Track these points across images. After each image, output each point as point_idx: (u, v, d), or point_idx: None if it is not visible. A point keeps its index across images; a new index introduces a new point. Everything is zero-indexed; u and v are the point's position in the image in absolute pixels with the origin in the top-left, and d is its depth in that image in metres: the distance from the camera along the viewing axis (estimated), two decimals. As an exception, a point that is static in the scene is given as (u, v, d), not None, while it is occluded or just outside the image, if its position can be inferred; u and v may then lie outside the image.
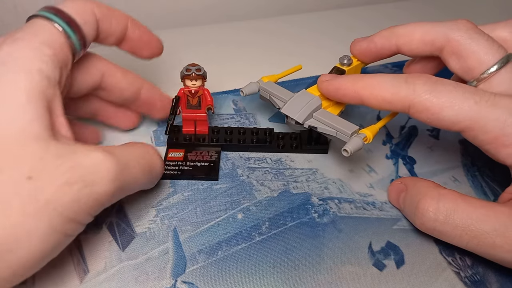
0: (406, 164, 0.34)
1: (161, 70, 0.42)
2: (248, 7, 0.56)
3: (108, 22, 0.26)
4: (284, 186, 0.32)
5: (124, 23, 0.28)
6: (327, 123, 0.29)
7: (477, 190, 0.33)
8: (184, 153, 0.33)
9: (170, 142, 0.34)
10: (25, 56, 0.22)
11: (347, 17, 0.54)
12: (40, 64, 0.22)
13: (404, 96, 0.25)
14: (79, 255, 0.27)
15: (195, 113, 0.33)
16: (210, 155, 0.33)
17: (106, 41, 0.28)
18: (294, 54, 0.45)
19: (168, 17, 0.53)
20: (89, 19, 0.25)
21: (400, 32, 0.30)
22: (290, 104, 0.31)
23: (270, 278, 0.26)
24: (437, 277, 0.27)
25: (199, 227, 0.29)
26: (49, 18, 0.24)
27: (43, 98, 0.21)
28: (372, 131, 0.29)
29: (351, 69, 0.33)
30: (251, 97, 0.39)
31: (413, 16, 0.54)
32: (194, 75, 0.31)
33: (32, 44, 0.22)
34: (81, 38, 0.25)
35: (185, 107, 0.32)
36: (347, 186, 0.32)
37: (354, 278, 0.27)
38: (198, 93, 0.32)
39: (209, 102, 0.32)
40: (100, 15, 0.26)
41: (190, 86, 0.31)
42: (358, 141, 0.28)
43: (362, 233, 0.29)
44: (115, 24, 0.27)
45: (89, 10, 0.25)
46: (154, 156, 0.27)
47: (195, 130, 0.34)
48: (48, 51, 0.22)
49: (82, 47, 0.25)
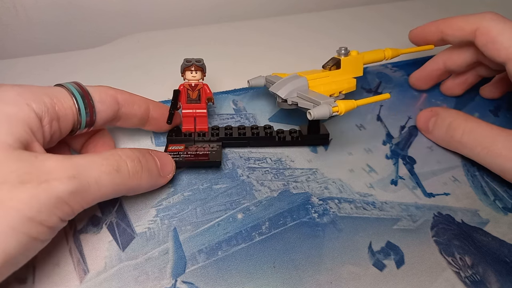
0: (406, 164, 0.34)
1: (161, 70, 0.42)
2: (248, 7, 0.56)
3: (130, 105, 0.29)
4: (284, 186, 0.32)
5: (145, 106, 0.31)
6: (307, 98, 0.30)
7: (477, 190, 0.33)
8: (185, 147, 0.32)
9: (169, 138, 0.33)
10: (21, 94, 0.23)
11: (347, 17, 0.54)
12: (31, 102, 0.23)
13: (473, 21, 0.32)
14: (79, 255, 0.27)
15: (195, 108, 0.33)
16: (212, 147, 0.32)
17: (130, 121, 0.30)
18: (294, 54, 0.45)
19: (168, 17, 0.53)
20: (107, 100, 0.28)
21: (443, 20, 0.36)
22: (278, 83, 0.32)
23: (270, 278, 0.26)
24: (437, 277, 0.27)
25: (199, 227, 0.29)
26: (64, 85, 0.26)
27: (24, 123, 0.22)
28: (347, 104, 0.28)
29: (348, 58, 0.34)
30: (251, 97, 0.39)
31: (413, 16, 0.54)
32: (195, 66, 0.32)
33: (34, 89, 0.24)
34: (90, 108, 0.27)
35: (185, 101, 0.33)
36: (347, 186, 0.32)
37: (354, 278, 0.27)
38: (197, 86, 0.32)
39: (209, 95, 0.33)
40: (122, 101, 0.29)
41: (190, 78, 0.32)
42: (325, 107, 0.27)
43: (362, 233, 0.29)
44: (137, 107, 0.30)
45: (111, 93, 0.28)
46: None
47: (195, 128, 0.34)
48: (46, 99, 0.24)
49: (89, 116, 0.27)
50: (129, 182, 0.25)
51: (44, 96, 0.24)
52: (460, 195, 0.33)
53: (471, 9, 0.55)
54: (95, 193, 0.23)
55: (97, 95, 0.27)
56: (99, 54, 0.44)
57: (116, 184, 0.24)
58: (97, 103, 0.27)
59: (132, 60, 0.43)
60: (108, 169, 0.24)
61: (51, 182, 0.21)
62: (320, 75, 0.33)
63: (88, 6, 0.49)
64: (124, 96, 0.29)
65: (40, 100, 0.24)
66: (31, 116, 0.23)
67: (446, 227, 0.30)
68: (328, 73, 0.34)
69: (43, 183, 0.21)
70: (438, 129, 0.35)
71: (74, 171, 0.22)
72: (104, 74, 0.41)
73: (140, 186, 0.27)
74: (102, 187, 0.23)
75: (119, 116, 0.29)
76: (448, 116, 0.34)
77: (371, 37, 0.49)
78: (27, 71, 0.41)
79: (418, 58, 0.44)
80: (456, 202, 0.32)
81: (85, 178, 0.22)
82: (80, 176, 0.22)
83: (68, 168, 0.22)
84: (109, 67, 0.42)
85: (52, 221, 0.21)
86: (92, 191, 0.23)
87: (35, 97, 0.24)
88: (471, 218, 0.31)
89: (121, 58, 0.44)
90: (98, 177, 0.23)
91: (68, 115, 0.25)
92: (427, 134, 0.36)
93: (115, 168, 0.24)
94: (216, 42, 0.48)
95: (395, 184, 0.33)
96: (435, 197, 0.32)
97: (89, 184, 0.22)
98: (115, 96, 0.28)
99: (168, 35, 0.48)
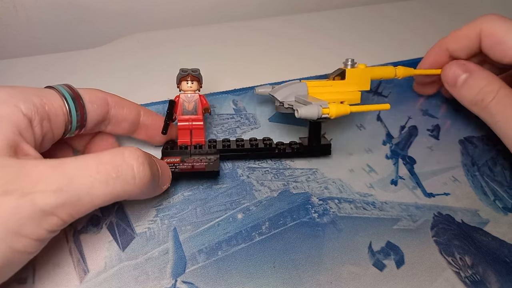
0: (406, 164, 0.34)
1: (161, 70, 0.42)
2: (248, 7, 0.56)
3: (120, 108, 0.29)
4: (284, 186, 0.32)
5: (136, 111, 0.30)
6: (304, 101, 0.29)
7: (477, 190, 0.33)
8: (180, 160, 0.31)
9: (164, 151, 0.31)
10: (9, 95, 0.23)
11: (347, 17, 0.54)
12: (19, 102, 0.23)
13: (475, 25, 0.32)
14: (79, 255, 0.27)
15: (191, 120, 0.32)
16: (209, 159, 0.31)
17: (121, 126, 0.30)
18: (294, 54, 0.45)
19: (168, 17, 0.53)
20: (97, 101, 0.27)
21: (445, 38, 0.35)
22: (277, 87, 0.32)
23: (270, 278, 0.26)
24: (437, 277, 0.27)
25: (199, 227, 0.29)
26: (53, 87, 0.26)
27: (11, 124, 0.22)
28: (339, 108, 0.28)
29: (354, 70, 0.32)
30: (251, 97, 0.39)
31: (413, 16, 0.54)
32: (191, 76, 0.31)
33: (22, 89, 0.24)
34: (81, 108, 0.26)
35: (180, 113, 0.32)
36: (347, 186, 0.32)
37: (354, 278, 0.27)
38: (194, 97, 0.31)
39: (205, 105, 0.32)
40: (112, 103, 0.28)
41: (186, 89, 0.31)
42: (314, 107, 0.27)
43: (362, 233, 0.29)
44: (127, 110, 0.29)
45: (101, 95, 0.28)
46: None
47: (191, 141, 0.32)
48: (36, 99, 0.23)
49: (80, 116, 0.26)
50: (132, 188, 0.22)
51: (33, 97, 0.23)
52: (460, 195, 0.33)
53: (471, 9, 0.55)
54: (87, 204, 0.21)
55: (87, 96, 0.27)
56: (99, 54, 0.44)
57: (113, 193, 0.22)
58: (87, 103, 0.27)
59: (132, 60, 0.43)
60: (104, 177, 0.21)
61: (35, 195, 0.19)
62: (323, 83, 0.32)
63: (88, 6, 0.49)
64: (114, 98, 0.29)
65: (29, 100, 0.23)
66: (19, 117, 0.22)
67: (446, 227, 0.30)
68: (331, 83, 0.32)
69: (27, 195, 0.19)
70: (469, 88, 0.32)
71: (62, 182, 0.20)
72: (104, 74, 0.41)
73: (143, 193, 0.24)
74: (95, 198, 0.21)
75: (109, 118, 0.28)
76: (483, 77, 0.32)
77: (371, 37, 0.49)
78: (27, 71, 0.41)
79: (418, 58, 0.44)
80: (456, 202, 0.32)
81: (75, 189, 0.20)
82: (68, 187, 0.20)
83: (55, 179, 0.20)
84: (109, 67, 0.42)
85: (38, 234, 0.20)
86: (83, 202, 0.21)
87: (23, 98, 0.23)
88: (471, 218, 0.31)
89: (121, 58, 0.44)
90: (91, 187, 0.21)
91: (59, 116, 0.25)
92: (452, 88, 0.34)
93: (113, 175, 0.22)
94: (216, 42, 0.48)
95: (395, 184, 0.33)
96: (435, 197, 0.32)
97: (79, 196, 0.21)
98: (105, 98, 0.28)
99: (168, 35, 0.48)
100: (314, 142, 0.33)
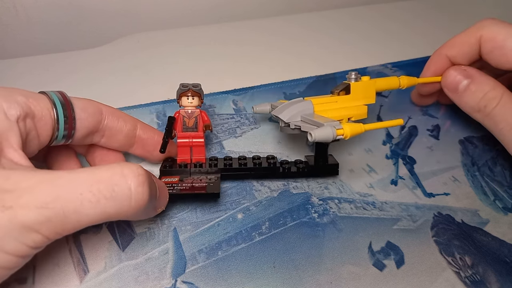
0: (406, 164, 0.34)
1: (161, 70, 0.42)
2: (248, 7, 0.56)
3: (115, 118, 0.28)
4: (284, 186, 0.32)
5: (131, 123, 0.29)
6: (312, 121, 0.28)
7: (477, 190, 0.33)
8: (179, 179, 0.29)
9: (163, 169, 0.30)
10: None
11: (347, 17, 0.54)
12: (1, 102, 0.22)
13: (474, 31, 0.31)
14: (79, 255, 0.27)
15: (191, 137, 0.30)
16: (209, 179, 0.29)
17: (115, 138, 0.29)
18: (294, 54, 0.45)
19: (168, 17, 0.53)
20: (89, 108, 0.26)
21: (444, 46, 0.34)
22: (281, 106, 0.30)
23: (270, 278, 0.26)
24: (437, 277, 0.27)
25: (199, 227, 0.29)
26: (46, 92, 0.25)
27: None
28: (353, 128, 0.26)
29: (359, 83, 0.31)
30: (251, 97, 0.39)
31: (413, 16, 0.54)
32: (191, 92, 0.30)
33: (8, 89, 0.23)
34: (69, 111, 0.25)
35: (180, 130, 0.30)
36: (347, 186, 0.32)
37: (354, 278, 0.27)
38: (194, 113, 0.30)
39: (207, 122, 0.30)
40: (107, 113, 0.28)
41: (187, 105, 0.30)
42: (328, 129, 0.25)
43: (362, 233, 0.29)
44: (122, 121, 0.28)
45: (95, 104, 0.27)
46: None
47: (191, 159, 0.31)
48: (20, 98, 0.23)
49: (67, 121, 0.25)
50: (126, 210, 0.21)
51: (18, 96, 0.23)
52: (460, 195, 0.33)
53: (471, 9, 0.55)
54: (73, 223, 0.20)
55: (80, 103, 0.26)
56: (99, 54, 0.44)
57: (104, 213, 0.20)
58: (78, 110, 0.26)
59: (132, 60, 0.43)
60: (96, 197, 0.20)
61: (16, 210, 0.18)
62: (328, 99, 0.31)
63: (88, 6, 0.49)
64: (110, 109, 0.28)
65: (12, 99, 0.22)
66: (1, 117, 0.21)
67: (446, 227, 0.30)
68: (336, 98, 0.31)
69: (8, 210, 0.18)
70: (471, 95, 0.32)
71: (48, 198, 0.19)
72: (104, 74, 0.41)
73: (136, 215, 0.22)
74: (83, 217, 0.20)
75: (103, 129, 0.27)
76: (486, 84, 0.31)
77: (371, 37, 0.49)
78: (27, 71, 0.41)
79: (418, 58, 0.44)
80: (456, 202, 0.32)
81: (61, 208, 0.19)
82: (54, 205, 0.19)
83: (41, 194, 0.19)
84: (109, 67, 0.42)
85: (19, 250, 0.19)
86: (70, 221, 0.19)
87: (7, 96, 0.22)
88: (471, 218, 0.31)
89: (121, 58, 0.44)
90: (80, 206, 0.19)
91: (45, 117, 0.24)
92: (453, 94, 0.33)
93: (107, 195, 0.20)
94: (216, 42, 0.48)
95: (395, 184, 0.33)
96: (435, 197, 0.32)
97: (65, 214, 0.19)
98: (99, 107, 0.27)
99: (168, 35, 0.48)
100: (320, 162, 0.31)
